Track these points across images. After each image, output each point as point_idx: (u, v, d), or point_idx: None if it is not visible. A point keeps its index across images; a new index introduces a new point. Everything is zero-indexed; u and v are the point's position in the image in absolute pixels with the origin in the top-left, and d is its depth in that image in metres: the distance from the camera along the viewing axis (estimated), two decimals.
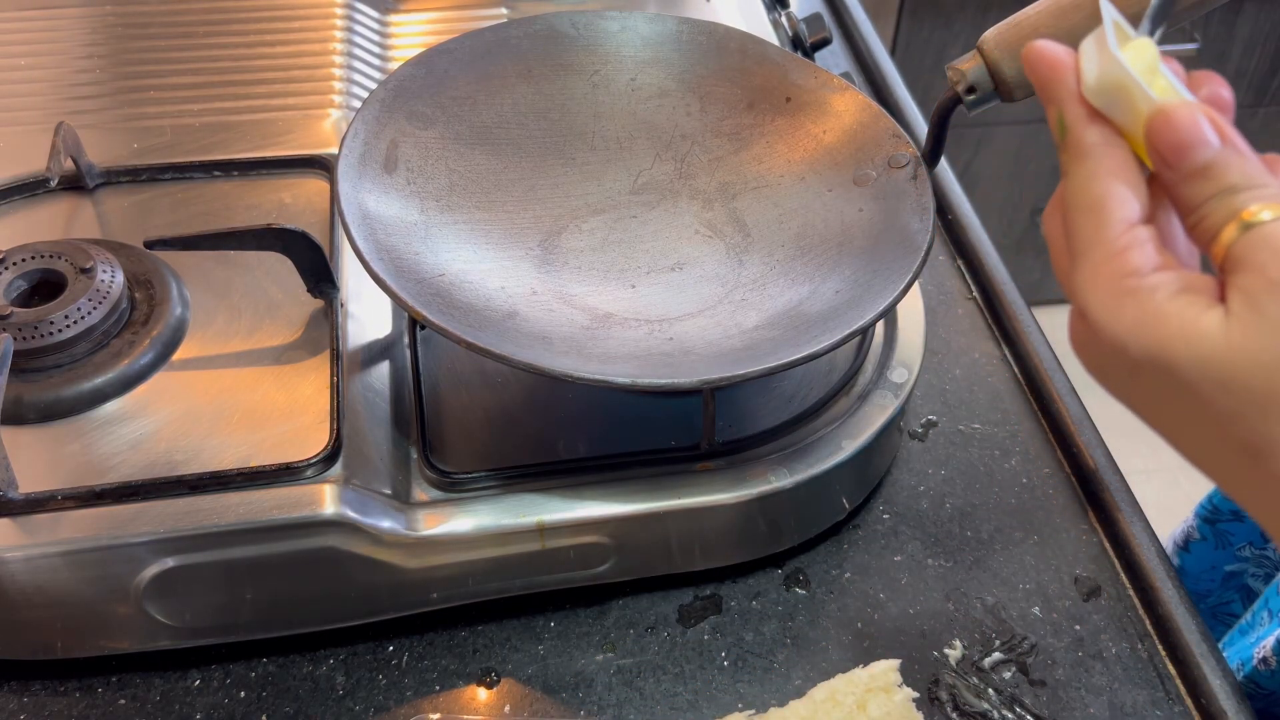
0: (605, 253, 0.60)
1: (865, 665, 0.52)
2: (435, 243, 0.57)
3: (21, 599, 0.48)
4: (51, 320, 0.53)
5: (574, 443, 0.57)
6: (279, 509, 0.49)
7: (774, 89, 0.65)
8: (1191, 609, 0.55)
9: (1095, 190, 0.35)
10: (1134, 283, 0.34)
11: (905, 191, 0.57)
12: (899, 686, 0.50)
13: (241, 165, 0.66)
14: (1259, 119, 1.75)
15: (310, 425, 0.53)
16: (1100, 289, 0.34)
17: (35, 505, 0.48)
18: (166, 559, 0.48)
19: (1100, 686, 0.53)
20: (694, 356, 0.53)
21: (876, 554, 0.59)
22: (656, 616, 0.56)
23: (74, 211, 0.63)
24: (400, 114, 0.60)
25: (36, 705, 0.51)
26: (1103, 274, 0.34)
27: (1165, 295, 0.33)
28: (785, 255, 0.59)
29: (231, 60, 0.74)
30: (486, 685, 0.53)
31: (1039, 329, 0.69)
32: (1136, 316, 0.33)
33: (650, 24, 0.66)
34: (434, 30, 0.80)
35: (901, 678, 0.51)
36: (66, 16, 0.77)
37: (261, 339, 0.57)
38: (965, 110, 0.54)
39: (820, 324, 0.52)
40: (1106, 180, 0.35)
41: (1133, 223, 0.35)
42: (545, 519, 0.52)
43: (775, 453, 0.56)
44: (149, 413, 0.53)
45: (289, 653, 0.53)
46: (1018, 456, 0.63)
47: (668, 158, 0.65)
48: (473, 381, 0.59)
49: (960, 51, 0.57)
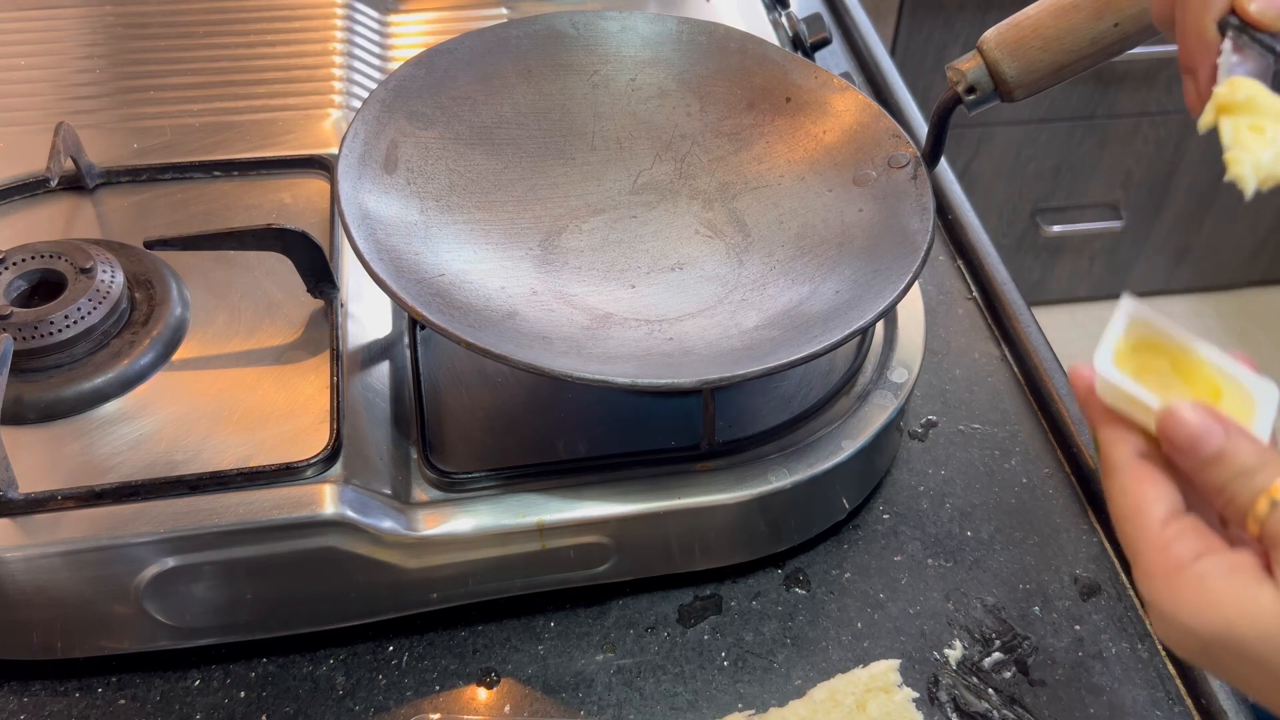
0: (605, 253, 0.60)
1: (865, 665, 0.52)
2: (435, 243, 0.57)
3: (21, 599, 0.48)
4: (51, 320, 0.53)
5: (574, 443, 0.57)
6: (279, 509, 0.49)
7: (774, 89, 0.65)
8: None
9: (1130, 501, 0.39)
10: (1184, 574, 0.37)
11: (905, 191, 0.57)
12: (899, 687, 0.50)
13: (241, 165, 0.66)
14: None
15: (310, 425, 0.53)
16: (1157, 583, 0.38)
17: (35, 505, 0.48)
18: (166, 559, 0.48)
19: (1100, 686, 0.53)
20: (694, 356, 0.53)
21: (876, 554, 0.59)
22: (656, 616, 0.56)
23: (74, 211, 0.63)
24: (400, 114, 0.60)
25: (36, 705, 0.51)
26: (1156, 570, 0.38)
27: (1217, 578, 0.36)
28: (785, 255, 0.59)
29: (231, 60, 0.74)
30: (486, 685, 0.53)
31: (1039, 329, 0.69)
32: (1194, 602, 0.37)
33: (650, 24, 0.66)
34: (434, 30, 0.80)
35: (901, 678, 0.51)
36: (66, 16, 0.77)
37: (261, 339, 0.57)
38: (965, 110, 0.54)
39: (820, 324, 0.52)
40: (1138, 489, 0.39)
41: (1169, 519, 0.38)
42: (545, 519, 0.52)
43: (775, 453, 0.56)
44: (149, 413, 0.53)
45: (289, 653, 0.53)
46: (1018, 456, 0.63)
47: (668, 158, 0.65)
48: (473, 381, 0.59)
49: (960, 51, 0.57)
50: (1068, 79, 0.53)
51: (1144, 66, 1.65)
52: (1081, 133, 1.72)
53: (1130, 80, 1.66)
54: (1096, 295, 2.01)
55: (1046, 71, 0.52)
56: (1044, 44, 0.51)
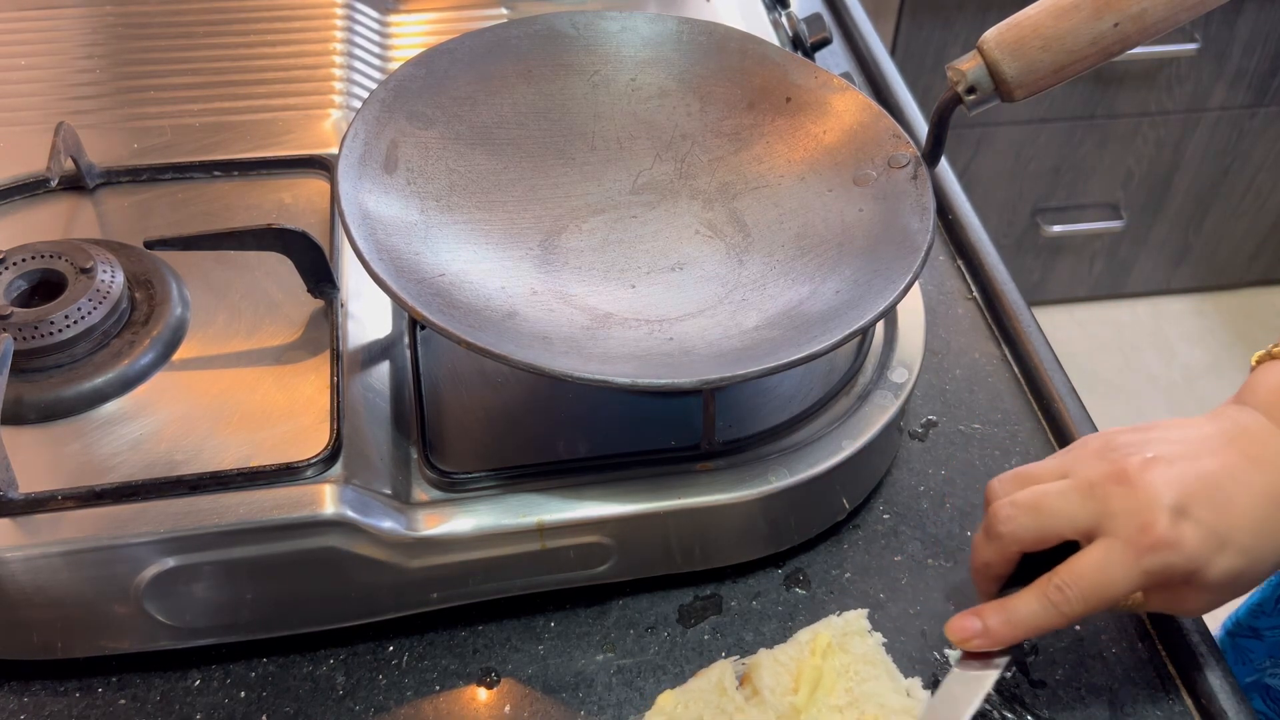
0: (605, 253, 0.60)
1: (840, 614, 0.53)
2: (435, 243, 0.57)
3: (21, 599, 0.48)
4: (52, 320, 0.53)
5: (574, 443, 0.57)
6: (279, 509, 0.49)
7: (774, 89, 0.65)
8: None
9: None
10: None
11: (905, 191, 0.57)
12: (869, 633, 0.52)
13: (241, 165, 0.66)
14: (1259, 119, 1.75)
15: (310, 425, 0.53)
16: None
17: (35, 505, 0.48)
18: (166, 559, 0.48)
19: (1100, 686, 0.53)
20: (694, 356, 0.53)
21: (876, 554, 0.59)
22: (656, 616, 0.56)
23: (74, 211, 0.63)
24: (400, 114, 0.60)
25: (36, 705, 0.51)
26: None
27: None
28: (785, 255, 0.59)
29: (231, 60, 0.74)
30: (486, 685, 0.53)
31: (1039, 329, 0.69)
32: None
33: (650, 24, 0.66)
34: (434, 30, 0.80)
35: (871, 625, 0.53)
36: (66, 16, 0.77)
37: (261, 339, 0.57)
38: (965, 110, 0.54)
39: (820, 324, 0.52)
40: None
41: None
42: (545, 519, 0.52)
43: (775, 453, 0.56)
44: (149, 413, 0.53)
45: (289, 653, 0.53)
46: (1018, 456, 0.63)
47: (668, 158, 0.65)
48: (473, 381, 0.59)
49: (960, 51, 0.57)
50: (1068, 79, 0.53)
51: (1144, 66, 1.65)
52: (1081, 133, 1.72)
53: (1130, 80, 1.66)
54: (1096, 295, 2.02)
55: (1046, 71, 0.52)
56: (1044, 44, 0.51)
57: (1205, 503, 0.46)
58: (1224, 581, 0.47)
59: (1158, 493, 0.46)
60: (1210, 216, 1.89)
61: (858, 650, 0.50)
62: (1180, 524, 0.46)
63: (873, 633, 0.52)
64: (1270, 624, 0.74)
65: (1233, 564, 0.46)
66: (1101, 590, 0.46)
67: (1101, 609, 0.47)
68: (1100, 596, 0.47)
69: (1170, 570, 0.46)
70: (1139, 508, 0.46)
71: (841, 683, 0.49)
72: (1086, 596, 0.47)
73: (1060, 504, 0.48)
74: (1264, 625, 0.74)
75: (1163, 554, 0.46)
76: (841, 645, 0.50)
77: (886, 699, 0.49)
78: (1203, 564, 0.46)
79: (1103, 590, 0.46)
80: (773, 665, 0.49)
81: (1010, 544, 0.49)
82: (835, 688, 0.49)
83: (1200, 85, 1.69)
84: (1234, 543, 0.46)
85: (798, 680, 0.49)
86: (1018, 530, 0.49)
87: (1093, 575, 0.46)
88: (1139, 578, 0.46)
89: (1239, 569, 0.47)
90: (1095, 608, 0.47)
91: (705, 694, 0.49)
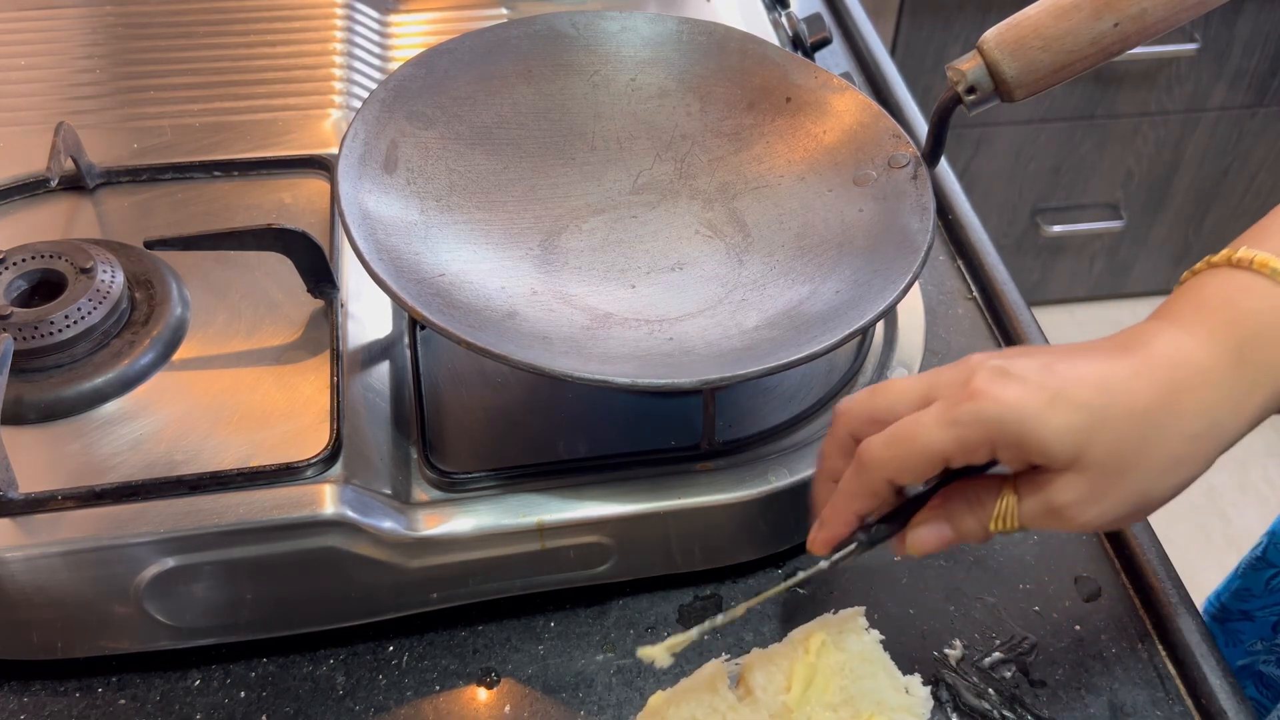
0: (605, 253, 0.60)
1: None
2: (435, 243, 0.57)
3: (21, 599, 0.48)
4: (51, 320, 0.53)
5: (574, 443, 0.57)
6: (279, 509, 0.49)
7: (774, 89, 0.65)
8: (1192, 609, 0.55)
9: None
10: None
11: (905, 191, 0.57)
12: (866, 630, 0.52)
13: (241, 165, 0.66)
14: (1259, 119, 1.75)
15: (310, 425, 0.53)
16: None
17: (35, 505, 0.48)
18: (166, 559, 0.48)
19: (1100, 686, 0.53)
20: (694, 356, 0.53)
21: (876, 554, 0.58)
22: (656, 616, 0.56)
23: (74, 211, 0.63)
24: (400, 114, 0.60)
25: (36, 705, 0.51)
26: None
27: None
28: (785, 255, 0.59)
29: (231, 60, 0.74)
30: (486, 685, 0.53)
31: (1039, 329, 0.69)
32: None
33: (650, 24, 0.66)
34: (434, 30, 0.80)
35: (868, 622, 0.52)
36: (66, 16, 0.77)
37: (261, 339, 0.57)
38: (965, 110, 0.54)
39: (820, 324, 0.52)
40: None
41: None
42: (545, 519, 0.52)
43: (775, 453, 0.56)
44: (149, 413, 0.53)
45: (289, 653, 0.53)
46: None
47: (668, 158, 0.65)
48: (473, 381, 0.59)
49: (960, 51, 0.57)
50: (1068, 79, 0.53)
51: (1144, 66, 1.65)
52: (1081, 133, 1.72)
53: (1130, 80, 1.66)
54: (1096, 295, 2.01)
55: (1046, 71, 0.52)
56: (1044, 44, 0.51)
57: (1035, 369, 0.42)
58: (1071, 449, 0.41)
59: (984, 358, 0.43)
60: (1210, 216, 1.89)
61: (854, 648, 0.50)
62: (1000, 379, 0.41)
63: (870, 630, 0.52)
64: (1261, 605, 0.74)
65: (1070, 420, 0.41)
66: (908, 442, 0.43)
67: (916, 470, 0.43)
68: (907, 449, 0.43)
69: (988, 426, 0.41)
70: (962, 371, 0.43)
71: (836, 680, 0.49)
72: (889, 443, 0.43)
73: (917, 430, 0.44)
74: (1254, 607, 0.74)
75: (976, 403, 0.41)
76: (837, 643, 0.50)
77: (884, 696, 0.49)
78: (1029, 418, 0.41)
79: (909, 442, 0.43)
80: (766, 664, 0.49)
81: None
82: (829, 685, 0.49)
83: (1200, 85, 1.69)
84: (1068, 397, 0.41)
85: (790, 678, 0.49)
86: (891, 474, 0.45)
87: (901, 425, 0.43)
88: (950, 429, 0.42)
89: (1081, 426, 0.41)
90: (906, 465, 0.43)
91: (697, 693, 0.49)
